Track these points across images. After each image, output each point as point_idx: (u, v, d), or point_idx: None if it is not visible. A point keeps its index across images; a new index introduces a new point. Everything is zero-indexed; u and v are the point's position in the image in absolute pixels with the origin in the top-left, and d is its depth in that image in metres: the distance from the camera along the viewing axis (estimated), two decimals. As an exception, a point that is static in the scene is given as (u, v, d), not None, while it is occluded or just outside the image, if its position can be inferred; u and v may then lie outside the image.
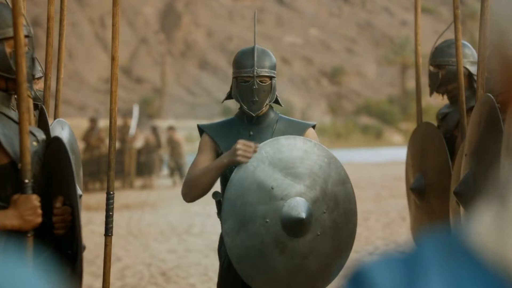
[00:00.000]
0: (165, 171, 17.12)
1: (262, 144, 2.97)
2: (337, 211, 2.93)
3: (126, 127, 15.95)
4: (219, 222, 3.00)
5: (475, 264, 0.60)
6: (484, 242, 0.60)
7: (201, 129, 3.15)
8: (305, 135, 3.05)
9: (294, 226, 2.89)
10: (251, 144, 2.95)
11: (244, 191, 2.92)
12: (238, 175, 2.93)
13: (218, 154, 3.11)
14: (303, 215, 2.89)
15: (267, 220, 2.89)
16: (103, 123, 17.77)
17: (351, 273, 0.64)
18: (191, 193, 3.00)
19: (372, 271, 0.63)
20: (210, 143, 3.10)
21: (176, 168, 16.35)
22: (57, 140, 2.36)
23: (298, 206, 2.89)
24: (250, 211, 2.90)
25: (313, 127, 3.12)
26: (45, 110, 2.80)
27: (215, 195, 2.99)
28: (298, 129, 3.07)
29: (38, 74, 3.14)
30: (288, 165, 2.94)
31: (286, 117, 3.14)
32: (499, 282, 0.58)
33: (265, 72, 3.05)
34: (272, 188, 2.91)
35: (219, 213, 3.00)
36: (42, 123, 2.64)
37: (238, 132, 3.10)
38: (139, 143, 16.73)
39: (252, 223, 2.88)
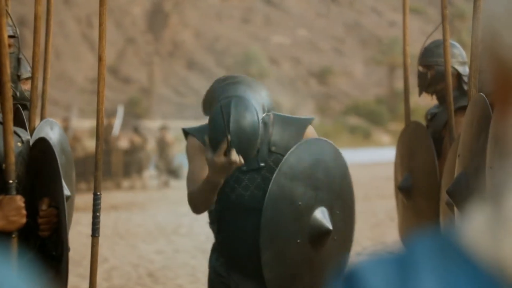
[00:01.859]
0: (152, 171, 17.06)
1: (284, 160, 2.71)
2: (345, 208, 2.83)
3: (109, 127, 15.90)
4: (207, 223, 2.94)
5: (467, 264, 0.59)
6: (477, 243, 0.60)
7: (187, 133, 2.89)
8: (306, 134, 2.83)
9: (320, 238, 2.78)
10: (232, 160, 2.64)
11: (279, 217, 2.70)
12: (271, 200, 2.68)
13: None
14: (330, 226, 2.76)
15: (298, 240, 2.75)
16: (90, 123, 17.69)
17: (343, 273, 0.63)
18: (198, 210, 2.79)
19: (364, 271, 0.62)
20: (200, 147, 2.83)
21: (165, 170, 16.29)
22: (43, 141, 2.34)
23: (323, 218, 2.76)
24: (284, 236, 2.71)
25: (311, 122, 2.90)
26: (21, 110, 2.77)
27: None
28: (297, 128, 2.83)
29: (27, 74, 3.10)
30: (309, 175, 2.73)
31: (282, 115, 2.87)
32: (492, 282, 0.58)
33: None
34: (299, 204, 2.72)
35: (212, 223, 2.87)
36: (18, 123, 2.61)
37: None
38: (124, 143, 16.67)
39: (287, 247, 2.73)
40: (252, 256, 2.77)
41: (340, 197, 2.81)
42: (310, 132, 2.85)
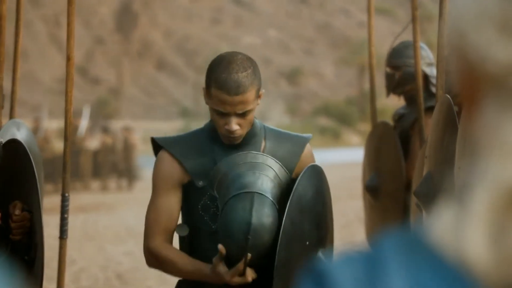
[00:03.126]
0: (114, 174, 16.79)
1: (294, 189, 2.25)
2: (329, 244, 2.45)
3: (76, 128, 15.77)
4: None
5: (434, 261, 0.60)
6: (443, 240, 0.60)
7: (158, 145, 2.30)
8: (303, 154, 2.36)
9: None
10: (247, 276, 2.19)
11: (292, 260, 2.25)
12: (285, 238, 2.22)
13: (185, 187, 2.28)
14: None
15: None
16: (57, 123, 17.51)
17: (310, 272, 0.62)
18: (155, 267, 2.31)
19: (332, 270, 0.62)
20: (175, 169, 2.27)
21: (125, 173, 16.13)
22: (16, 142, 2.29)
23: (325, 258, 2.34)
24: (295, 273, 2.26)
25: (309, 141, 2.43)
26: None
27: (180, 229, 2.30)
28: (293, 146, 2.36)
29: None
30: (311, 209, 2.31)
31: (275, 129, 2.41)
32: (458, 278, 0.59)
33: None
34: (307, 245, 2.32)
35: (183, 248, 2.36)
36: None
37: (213, 154, 2.29)
38: (92, 144, 16.53)
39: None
40: None
41: (329, 232, 2.41)
42: (308, 152, 2.39)
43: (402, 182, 3.66)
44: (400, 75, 3.87)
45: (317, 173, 2.35)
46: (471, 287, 0.58)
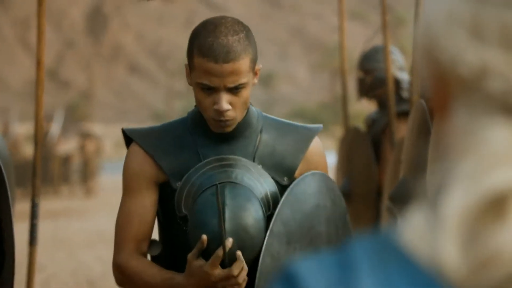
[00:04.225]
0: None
1: (276, 214, 1.78)
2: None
3: (47, 132, 15.60)
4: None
5: (406, 265, 0.60)
6: (415, 243, 0.60)
7: (128, 137, 1.88)
8: (310, 151, 1.87)
9: None
10: (234, 273, 1.74)
11: None
12: (263, 279, 1.77)
13: (161, 186, 1.85)
14: None
15: None
16: (25, 128, 17.31)
17: (281, 273, 0.62)
18: (124, 286, 1.88)
19: (303, 273, 0.61)
20: (146, 165, 1.85)
21: (81, 180, 15.93)
22: None
23: None
24: None
25: (317, 133, 1.92)
26: None
27: (152, 248, 1.88)
28: (298, 142, 1.87)
29: None
30: (308, 230, 1.84)
31: (276, 119, 1.92)
32: (429, 280, 0.59)
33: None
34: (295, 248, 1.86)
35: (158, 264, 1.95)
36: None
37: (196, 148, 1.84)
38: (64, 149, 16.36)
39: None
40: None
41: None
42: (316, 149, 1.89)
43: (374, 186, 3.67)
44: (372, 79, 3.87)
45: (317, 182, 1.84)
46: None
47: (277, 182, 1.85)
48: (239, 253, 1.75)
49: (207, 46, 1.76)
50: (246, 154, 1.84)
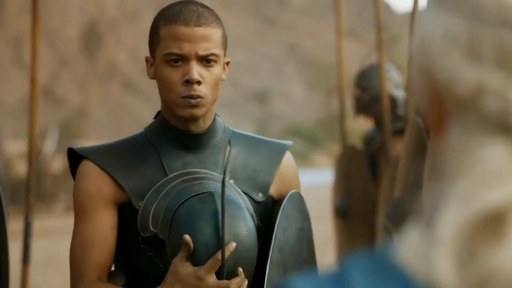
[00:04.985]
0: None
1: (274, 239, 1.62)
2: None
3: (41, 150, 15.56)
4: None
5: (402, 284, 0.60)
6: (410, 261, 0.60)
7: (78, 155, 1.64)
8: (282, 166, 1.74)
9: None
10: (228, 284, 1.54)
11: None
12: None
13: (120, 209, 1.62)
14: None
15: None
16: (19, 146, 17.25)
17: None
18: None
19: None
20: (103, 183, 1.61)
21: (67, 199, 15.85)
22: None
23: None
24: None
25: (288, 148, 1.79)
26: None
27: (115, 280, 1.62)
28: (268, 155, 1.72)
29: None
30: (297, 256, 1.69)
31: (242, 133, 1.75)
32: None
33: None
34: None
35: None
36: None
37: (160, 157, 1.63)
38: (58, 167, 16.32)
39: None
40: None
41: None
42: (288, 163, 1.76)
43: (371, 206, 3.66)
44: (369, 97, 3.88)
45: (298, 202, 1.70)
46: None
47: (250, 198, 1.67)
48: (240, 270, 1.55)
49: (175, 13, 1.61)
50: (216, 166, 1.65)
